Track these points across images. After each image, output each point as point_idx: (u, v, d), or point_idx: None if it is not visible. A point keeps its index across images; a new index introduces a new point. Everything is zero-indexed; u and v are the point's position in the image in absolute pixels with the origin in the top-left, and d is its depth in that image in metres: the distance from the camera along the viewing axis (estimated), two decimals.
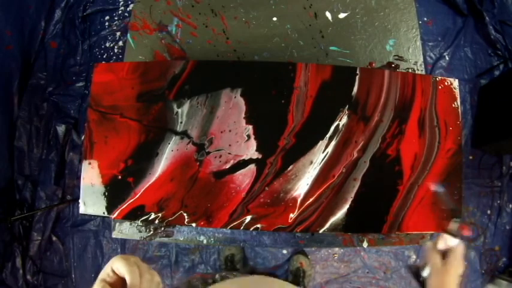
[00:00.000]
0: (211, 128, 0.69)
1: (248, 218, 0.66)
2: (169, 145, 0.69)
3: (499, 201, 1.47)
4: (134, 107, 0.71)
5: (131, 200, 0.68)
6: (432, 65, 1.56)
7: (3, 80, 1.45)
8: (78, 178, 1.44)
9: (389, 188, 0.67)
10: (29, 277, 1.44)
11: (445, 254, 0.54)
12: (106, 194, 0.69)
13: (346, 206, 0.66)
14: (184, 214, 0.67)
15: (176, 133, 0.69)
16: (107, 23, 1.63)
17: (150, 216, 0.67)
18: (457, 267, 0.52)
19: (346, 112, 0.69)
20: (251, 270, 1.40)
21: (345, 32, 0.91)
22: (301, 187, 0.67)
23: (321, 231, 0.66)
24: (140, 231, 0.85)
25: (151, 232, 0.85)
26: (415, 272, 0.57)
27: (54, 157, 1.52)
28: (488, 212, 1.48)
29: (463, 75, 1.56)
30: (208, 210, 0.67)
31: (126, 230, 0.85)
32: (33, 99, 1.56)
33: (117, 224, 0.85)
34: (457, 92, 0.72)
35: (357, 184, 0.67)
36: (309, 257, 1.40)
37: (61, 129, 1.53)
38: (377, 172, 0.67)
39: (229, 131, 0.69)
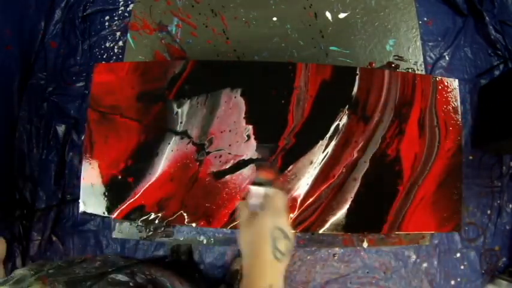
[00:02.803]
0: (211, 128, 0.69)
1: None
2: (169, 145, 0.69)
3: (499, 201, 1.47)
4: (134, 107, 0.71)
5: (131, 200, 0.68)
6: (432, 65, 1.56)
7: (3, 80, 1.45)
8: (78, 178, 1.44)
9: (389, 188, 0.67)
10: None
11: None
12: (106, 194, 0.69)
13: (346, 206, 0.66)
14: (184, 214, 0.67)
15: (176, 133, 0.69)
16: (107, 23, 1.63)
17: (150, 216, 0.67)
18: (265, 216, 0.46)
19: (346, 112, 0.69)
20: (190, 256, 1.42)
21: (345, 32, 0.91)
22: (301, 187, 0.67)
23: (321, 231, 0.66)
24: (140, 231, 0.85)
25: (151, 232, 0.85)
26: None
27: (54, 157, 1.52)
28: (488, 212, 1.48)
29: (463, 75, 1.56)
30: (208, 210, 0.67)
31: (126, 230, 0.85)
32: (33, 99, 1.56)
33: (117, 224, 0.85)
34: (457, 92, 0.72)
35: (357, 184, 0.67)
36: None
37: (61, 129, 1.53)
38: (377, 172, 0.67)
39: (229, 131, 0.69)
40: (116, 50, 1.61)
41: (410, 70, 0.90)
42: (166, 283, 0.60)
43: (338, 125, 0.68)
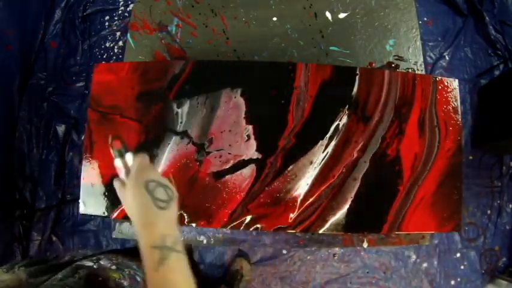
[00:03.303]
0: (211, 128, 0.69)
1: (248, 218, 0.66)
2: (169, 145, 0.69)
3: (499, 201, 1.47)
4: (134, 107, 0.71)
5: None
6: (432, 65, 1.56)
7: (3, 80, 1.44)
8: (78, 178, 1.44)
9: (389, 188, 0.67)
10: None
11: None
12: (106, 194, 0.69)
13: (346, 206, 0.66)
14: (184, 214, 0.67)
15: (176, 133, 0.69)
16: (107, 23, 1.63)
17: None
18: (133, 176, 0.48)
19: (346, 112, 0.69)
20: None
21: (345, 32, 0.91)
22: (301, 187, 0.67)
23: (321, 231, 0.66)
24: None
25: None
26: None
27: (54, 157, 1.52)
28: (488, 212, 1.47)
29: (463, 75, 1.56)
30: (208, 210, 0.67)
31: (126, 230, 0.85)
32: (33, 99, 1.55)
33: (117, 224, 0.85)
34: (457, 92, 0.72)
35: (357, 184, 0.67)
36: (251, 263, 1.41)
37: (61, 129, 1.52)
38: (377, 172, 0.67)
39: (229, 131, 0.69)
40: (116, 50, 1.60)
41: (410, 70, 0.90)
42: (133, 265, 0.60)
43: (338, 125, 0.68)
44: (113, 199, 0.69)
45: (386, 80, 0.70)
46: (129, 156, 0.52)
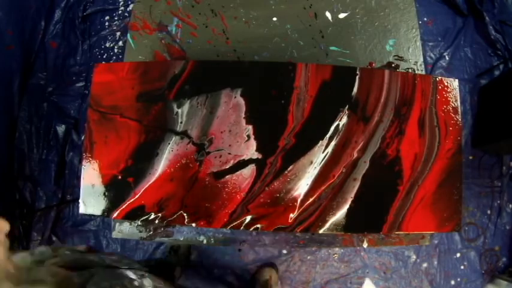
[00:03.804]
0: (211, 128, 0.69)
1: (248, 218, 0.66)
2: (169, 145, 0.69)
3: (499, 201, 1.47)
4: (134, 107, 0.71)
5: (131, 200, 0.68)
6: (432, 65, 1.56)
7: (3, 80, 1.44)
8: (78, 178, 1.44)
9: (389, 188, 0.67)
10: None
11: None
12: (106, 194, 0.69)
13: (346, 206, 0.66)
14: (184, 214, 0.67)
15: (176, 133, 0.69)
16: (107, 23, 1.63)
17: (150, 216, 0.67)
18: None
19: (346, 112, 0.69)
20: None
21: (345, 32, 0.91)
22: (301, 187, 0.67)
23: (320, 231, 0.66)
24: (140, 231, 0.85)
25: (151, 232, 0.85)
26: None
27: (54, 157, 1.52)
28: (488, 212, 1.47)
29: (463, 75, 1.56)
30: (208, 210, 0.67)
31: (126, 230, 0.85)
32: (33, 99, 1.55)
33: (117, 224, 0.85)
34: (457, 92, 0.72)
35: (357, 184, 0.67)
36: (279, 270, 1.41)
37: (61, 129, 1.52)
38: (377, 172, 0.67)
39: (229, 131, 0.69)
40: (116, 50, 1.60)
41: (410, 70, 0.90)
42: None
43: (338, 125, 0.68)
44: (112, 199, 0.69)
45: (386, 80, 0.70)
46: None
